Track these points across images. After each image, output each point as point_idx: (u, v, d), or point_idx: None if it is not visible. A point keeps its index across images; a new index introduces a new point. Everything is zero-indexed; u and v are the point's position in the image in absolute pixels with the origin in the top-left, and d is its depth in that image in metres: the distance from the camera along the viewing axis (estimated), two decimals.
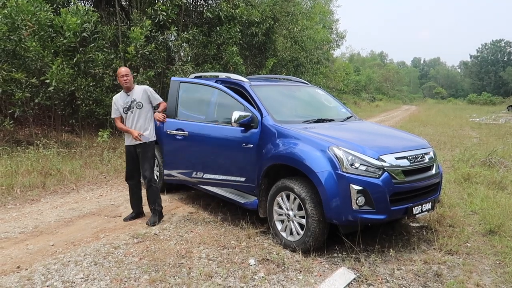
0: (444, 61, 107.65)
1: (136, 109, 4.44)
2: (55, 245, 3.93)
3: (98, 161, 7.35)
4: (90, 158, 7.45)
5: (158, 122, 4.63)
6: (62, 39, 7.50)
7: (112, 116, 4.55)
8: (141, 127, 4.46)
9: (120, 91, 4.61)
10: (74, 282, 3.17)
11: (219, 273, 3.33)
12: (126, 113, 4.45)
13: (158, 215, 4.60)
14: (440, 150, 9.88)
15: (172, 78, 5.18)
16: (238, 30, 10.69)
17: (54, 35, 7.57)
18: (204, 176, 4.58)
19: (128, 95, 4.46)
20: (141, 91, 4.50)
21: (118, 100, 4.49)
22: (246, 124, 4.25)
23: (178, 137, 4.72)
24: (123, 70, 4.42)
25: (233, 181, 4.43)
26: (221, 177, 4.47)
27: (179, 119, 4.83)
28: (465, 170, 6.80)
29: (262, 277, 3.29)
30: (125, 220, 4.66)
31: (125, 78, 4.36)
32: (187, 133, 4.68)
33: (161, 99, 4.66)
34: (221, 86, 4.70)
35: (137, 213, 4.75)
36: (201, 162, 4.62)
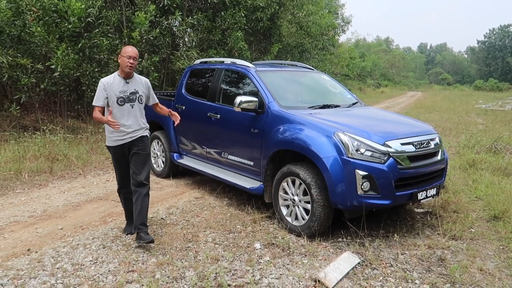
0: (451, 47, 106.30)
1: (137, 103, 3.63)
2: (64, 229, 4.00)
3: (104, 146, 7.38)
4: (96, 144, 7.51)
5: (176, 122, 3.97)
6: (66, 24, 7.47)
7: (95, 103, 3.51)
8: (139, 125, 3.66)
9: (109, 73, 4.03)
10: (83, 265, 3.24)
11: (225, 257, 3.39)
12: (122, 105, 3.53)
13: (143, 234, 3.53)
14: (445, 136, 9.83)
15: (219, 65, 5.29)
16: (243, 15, 10.58)
17: (59, 20, 7.54)
18: (225, 156, 4.84)
19: (127, 82, 3.57)
20: (143, 83, 3.73)
21: (112, 85, 3.51)
22: (252, 109, 4.27)
23: (213, 119, 4.94)
24: (131, 50, 3.52)
25: (245, 164, 4.52)
26: (237, 159, 4.63)
27: (217, 103, 5.01)
28: (470, 157, 6.79)
29: (268, 260, 3.34)
30: (126, 233, 3.85)
31: (131, 61, 3.50)
32: (218, 116, 4.87)
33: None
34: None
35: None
36: (224, 144, 4.88)
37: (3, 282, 2.93)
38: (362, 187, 3.46)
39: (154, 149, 6.05)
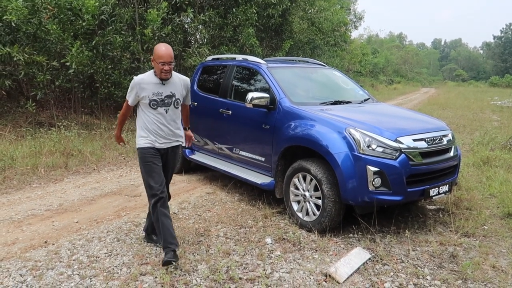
0: (466, 43, 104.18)
1: (173, 107, 3.22)
2: (79, 222, 4.09)
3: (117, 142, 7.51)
4: (109, 140, 7.62)
5: (187, 143, 3.67)
6: (81, 22, 7.59)
7: (127, 97, 3.20)
8: (174, 132, 3.28)
9: (142, 72, 3.80)
10: (98, 257, 3.32)
11: (236, 251, 3.43)
12: (155, 108, 3.13)
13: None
14: (459, 133, 9.71)
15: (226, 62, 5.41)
16: (254, 11, 10.58)
17: (73, 18, 7.66)
18: (236, 152, 4.88)
19: (164, 84, 3.14)
20: (180, 84, 3.26)
21: (146, 85, 3.09)
22: (263, 105, 4.29)
23: (224, 115, 4.97)
24: (165, 54, 3.01)
25: (256, 160, 4.57)
26: (249, 154, 4.67)
27: (228, 99, 5.06)
28: (484, 154, 6.70)
29: (279, 255, 3.37)
30: (166, 264, 3.05)
31: (166, 68, 3.02)
32: (230, 112, 4.92)
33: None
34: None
35: (176, 246, 3.15)
36: (236, 140, 4.95)
37: (22, 273, 3.02)
38: (374, 183, 3.46)
39: None
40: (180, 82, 3.26)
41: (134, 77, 3.15)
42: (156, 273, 3.04)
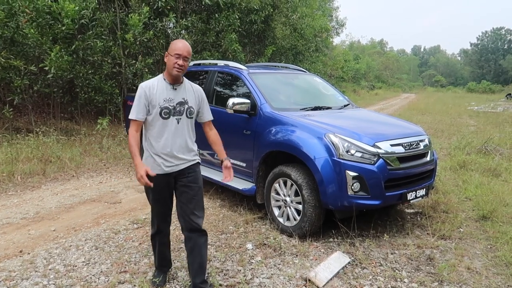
0: (444, 49, 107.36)
1: (186, 117, 2.70)
2: (56, 230, 4.00)
3: (97, 148, 7.40)
4: (89, 146, 7.50)
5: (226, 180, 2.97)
6: (60, 26, 7.46)
7: (132, 116, 2.60)
8: (185, 147, 2.73)
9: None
10: (76, 266, 3.25)
11: (217, 257, 3.42)
12: (166, 118, 2.62)
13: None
14: (437, 138, 9.94)
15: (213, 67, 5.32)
16: (237, 17, 10.63)
17: (52, 22, 7.53)
18: (218, 157, 4.78)
19: (175, 89, 2.67)
20: (193, 91, 2.78)
21: (156, 91, 2.61)
22: (244, 111, 4.31)
23: None
24: (182, 47, 2.60)
25: (237, 166, 4.57)
26: (230, 160, 4.60)
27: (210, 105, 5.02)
28: (461, 158, 6.88)
29: (259, 260, 3.38)
30: (157, 283, 2.92)
31: (180, 62, 2.58)
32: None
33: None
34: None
35: (168, 268, 3.09)
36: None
37: None
38: (353, 187, 3.51)
39: None
40: (192, 89, 2.78)
41: (141, 84, 2.66)
42: (135, 281, 3.00)
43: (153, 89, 2.62)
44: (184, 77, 2.76)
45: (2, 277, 3.03)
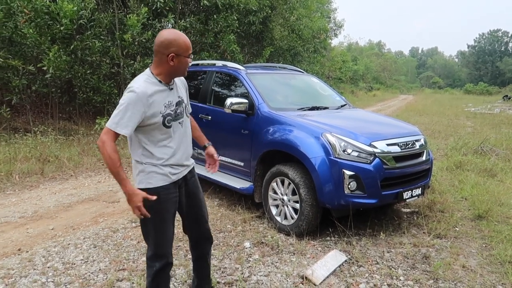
0: (442, 51, 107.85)
1: (186, 117, 2.36)
2: (54, 229, 4.02)
3: (95, 148, 7.41)
4: (87, 146, 7.51)
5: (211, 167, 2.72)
6: (58, 26, 7.48)
7: (117, 127, 2.03)
8: (189, 152, 2.42)
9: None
10: (74, 263, 3.27)
11: (215, 255, 3.44)
12: (169, 126, 2.20)
13: None
14: (434, 138, 10.00)
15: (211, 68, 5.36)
16: (235, 18, 10.67)
17: (51, 22, 7.55)
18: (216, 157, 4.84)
19: (172, 88, 2.25)
20: (182, 85, 2.43)
21: (153, 97, 2.11)
22: (242, 111, 4.34)
23: (204, 120, 4.97)
24: (190, 44, 2.19)
25: (235, 165, 4.61)
26: (228, 159, 4.68)
27: (208, 105, 5.07)
28: (457, 158, 6.93)
29: (257, 259, 3.40)
30: None
31: (190, 60, 2.23)
32: (209, 117, 4.94)
33: None
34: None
35: None
36: (215, 145, 4.89)
37: None
38: (349, 186, 3.55)
39: None
40: (181, 83, 2.41)
41: (133, 87, 2.07)
42: (133, 278, 3.02)
43: (151, 96, 2.09)
44: None
45: (1, 275, 3.05)
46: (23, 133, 7.44)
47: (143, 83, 2.12)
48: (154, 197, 2.11)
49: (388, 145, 3.77)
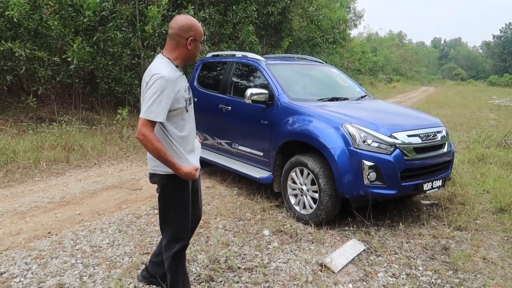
0: (465, 42, 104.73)
1: (192, 103, 2.40)
2: (81, 214, 4.19)
3: (118, 137, 7.60)
4: (110, 135, 7.70)
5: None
6: (82, 18, 7.65)
7: (156, 117, 2.03)
8: (194, 134, 2.43)
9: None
10: (101, 247, 3.41)
11: (235, 242, 3.53)
12: (187, 111, 2.28)
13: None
14: (456, 131, 9.82)
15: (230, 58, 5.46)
16: (254, 9, 10.65)
17: (74, 14, 7.72)
18: (235, 147, 4.97)
19: (183, 74, 2.31)
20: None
21: (177, 80, 2.15)
22: (262, 101, 4.38)
23: (224, 110, 5.07)
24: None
25: (255, 155, 4.67)
26: (247, 149, 4.76)
27: (228, 95, 5.16)
28: (479, 151, 6.81)
29: (276, 246, 3.47)
30: None
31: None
32: (229, 108, 5.03)
33: None
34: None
35: None
36: (235, 135, 5.04)
37: (27, 261, 3.12)
38: (369, 177, 3.56)
39: None
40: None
41: (161, 74, 2.05)
42: None
43: (176, 81, 2.13)
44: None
45: (33, 256, 3.21)
46: (49, 122, 7.69)
47: (168, 68, 2.14)
48: (199, 167, 2.27)
49: (409, 136, 3.76)
